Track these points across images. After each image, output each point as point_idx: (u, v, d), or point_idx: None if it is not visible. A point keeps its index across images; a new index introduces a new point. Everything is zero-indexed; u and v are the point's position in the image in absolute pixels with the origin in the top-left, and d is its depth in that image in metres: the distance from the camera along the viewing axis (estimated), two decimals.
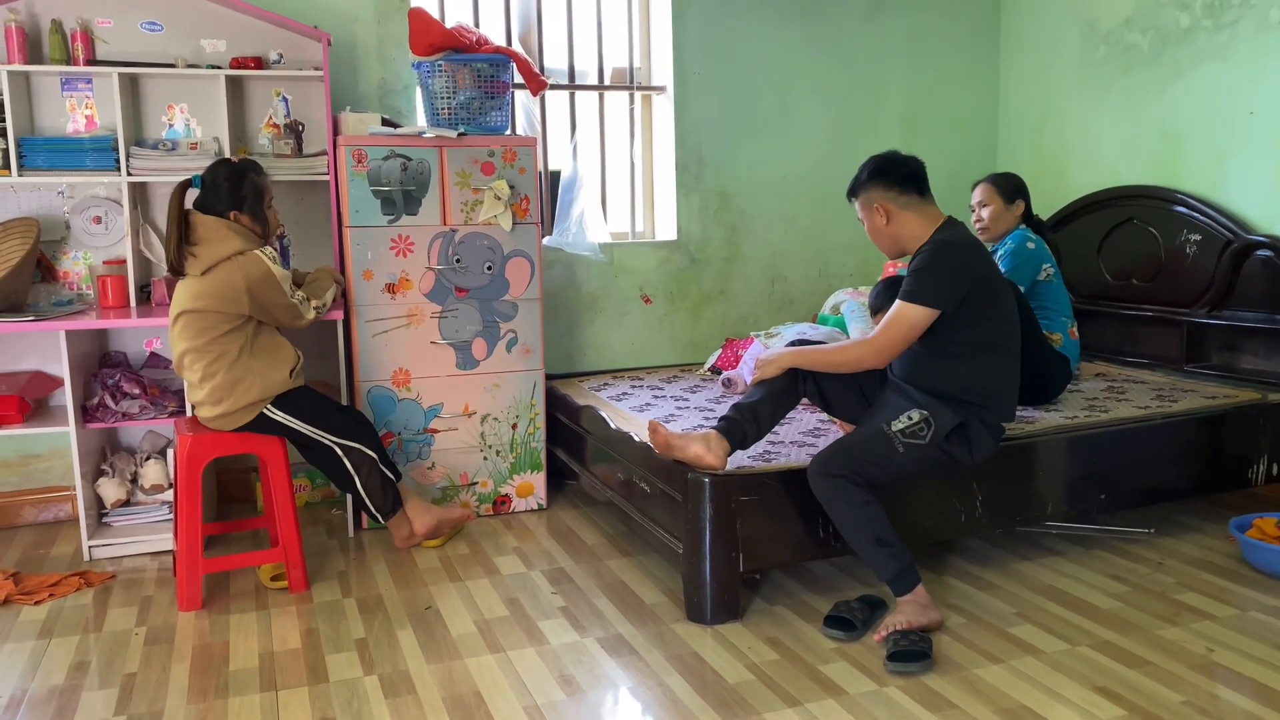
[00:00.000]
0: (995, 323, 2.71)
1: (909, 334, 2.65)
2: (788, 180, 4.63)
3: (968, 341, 2.68)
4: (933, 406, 2.67)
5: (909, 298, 2.64)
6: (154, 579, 3.14)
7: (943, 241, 2.68)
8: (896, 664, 2.43)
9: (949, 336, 2.67)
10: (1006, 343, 2.75)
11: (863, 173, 2.81)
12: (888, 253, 2.84)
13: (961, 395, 2.69)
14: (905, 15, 4.72)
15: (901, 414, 2.67)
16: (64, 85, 3.55)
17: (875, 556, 2.59)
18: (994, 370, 2.73)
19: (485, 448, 3.66)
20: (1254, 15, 3.73)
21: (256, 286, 2.92)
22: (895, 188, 2.74)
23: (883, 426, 2.66)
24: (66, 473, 3.68)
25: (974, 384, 2.70)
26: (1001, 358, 2.74)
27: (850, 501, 2.58)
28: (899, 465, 2.64)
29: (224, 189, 2.98)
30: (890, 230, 2.76)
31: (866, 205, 2.79)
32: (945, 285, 2.62)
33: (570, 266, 4.29)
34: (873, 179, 2.77)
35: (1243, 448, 3.39)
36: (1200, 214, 3.90)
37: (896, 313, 2.66)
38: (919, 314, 2.63)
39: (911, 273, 2.67)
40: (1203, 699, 2.28)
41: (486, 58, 3.53)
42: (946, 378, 2.69)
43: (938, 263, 2.64)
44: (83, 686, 2.45)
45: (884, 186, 2.75)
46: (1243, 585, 2.93)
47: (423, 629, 2.74)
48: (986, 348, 2.70)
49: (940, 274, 2.63)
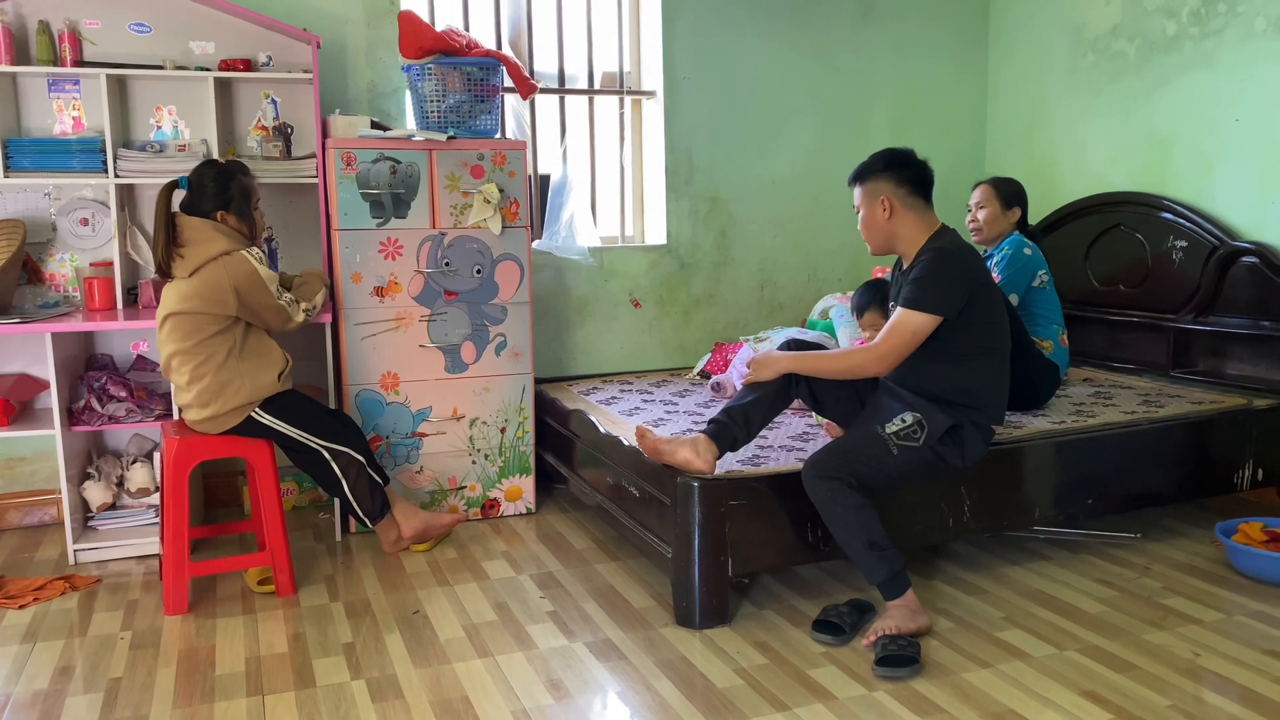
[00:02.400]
0: (988, 328, 2.74)
1: (912, 341, 2.66)
2: (777, 185, 4.64)
3: (961, 346, 2.70)
4: (926, 409, 2.68)
5: (912, 305, 2.64)
6: (140, 583, 3.13)
7: (943, 250, 2.69)
8: (885, 669, 2.43)
9: (943, 341, 2.68)
10: (999, 347, 2.78)
11: (876, 162, 2.79)
12: (875, 247, 2.82)
13: (955, 398, 2.71)
14: (894, 21, 4.74)
15: (895, 417, 2.68)
16: (51, 86, 3.53)
17: (867, 560, 2.59)
18: (986, 374, 2.75)
19: (474, 451, 3.65)
20: (1240, 24, 3.76)
21: (243, 286, 2.91)
22: (905, 185, 2.75)
23: (877, 429, 2.67)
24: (52, 476, 3.65)
25: (967, 387, 2.72)
26: (993, 362, 2.77)
27: (845, 504, 2.58)
28: (892, 467, 2.65)
29: (210, 189, 2.97)
30: (889, 226, 2.76)
31: (871, 194, 2.77)
32: (948, 292, 2.64)
33: (560, 270, 4.29)
34: (886, 170, 2.76)
35: (1228, 453, 3.40)
36: (1187, 220, 3.93)
37: (899, 320, 2.67)
38: (922, 321, 2.64)
39: (913, 281, 2.67)
40: (1189, 703, 2.29)
41: (476, 61, 3.53)
42: (940, 381, 2.71)
43: (940, 270, 2.65)
44: (67, 691, 2.43)
45: (895, 181, 2.75)
46: (1228, 590, 2.95)
47: (410, 633, 2.73)
48: (979, 352, 2.73)
49: (943, 282, 2.64)
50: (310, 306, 3.15)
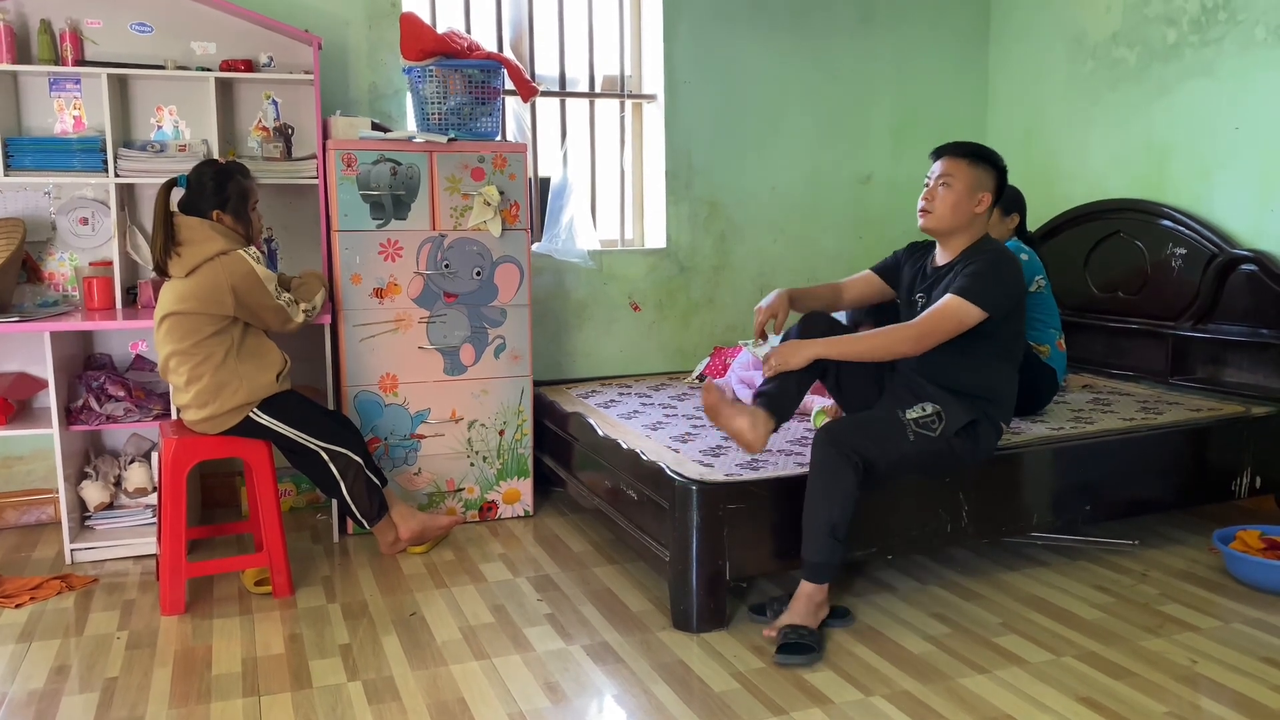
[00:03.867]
0: (1014, 337, 2.82)
1: (955, 329, 2.67)
2: (777, 190, 4.64)
3: (989, 349, 2.75)
4: (946, 401, 2.71)
5: (966, 295, 2.65)
6: (136, 583, 3.12)
7: (1007, 255, 2.75)
8: (784, 656, 2.50)
9: (975, 342, 2.72)
10: (1016, 356, 2.86)
11: (995, 156, 2.80)
12: (940, 224, 2.77)
13: (975, 392, 2.76)
14: (894, 27, 4.75)
15: (916, 405, 2.71)
16: (52, 85, 3.53)
17: (819, 537, 2.59)
18: (1004, 376, 2.83)
19: (472, 454, 3.65)
20: (1240, 32, 3.77)
21: (241, 286, 2.91)
22: (998, 194, 2.81)
23: (897, 412, 2.69)
24: (49, 475, 3.65)
25: (987, 384, 2.78)
26: (1012, 366, 2.85)
27: (838, 480, 2.58)
28: (904, 453, 2.67)
29: (208, 189, 2.97)
30: (972, 215, 2.76)
31: (977, 180, 2.75)
32: (1002, 294, 2.69)
33: (559, 273, 4.29)
34: (998, 172, 2.80)
35: (1226, 460, 3.40)
36: (1186, 228, 3.93)
37: (947, 306, 2.67)
38: (971, 312, 2.65)
39: (972, 274, 2.68)
40: (1185, 710, 2.29)
41: (478, 63, 3.53)
42: (961, 377, 2.74)
43: (1001, 272, 2.70)
44: (63, 691, 2.43)
45: (997, 185, 2.80)
46: (1226, 597, 2.95)
47: (407, 635, 2.72)
48: (1001, 356, 2.80)
49: (1002, 283, 2.69)
50: (310, 307, 3.15)
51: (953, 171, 2.76)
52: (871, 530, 2.84)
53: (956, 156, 2.79)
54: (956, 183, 2.75)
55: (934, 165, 2.83)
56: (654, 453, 3.01)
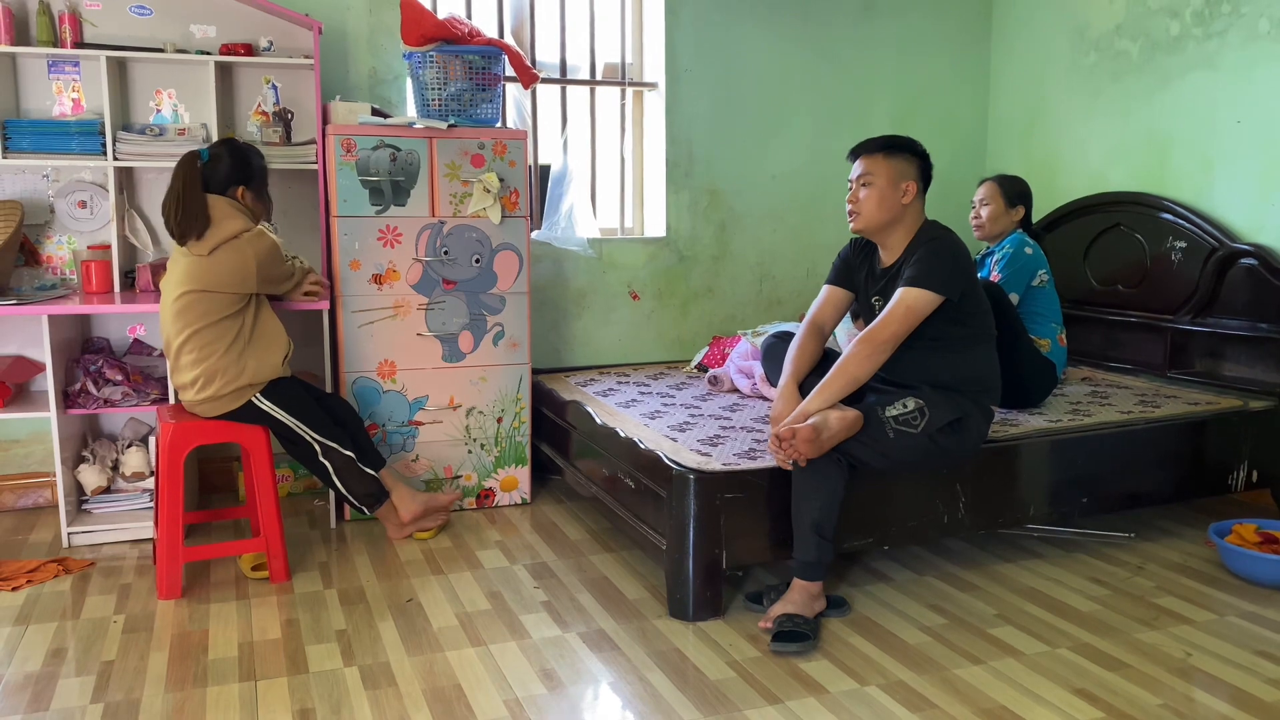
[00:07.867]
0: (982, 317, 2.82)
1: (916, 320, 2.67)
2: (777, 179, 4.63)
3: (962, 338, 2.76)
4: (930, 397, 2.71)
5: (917, 284, 2.66)
6: (133, 567, 3.12)
7: (949, 238, 2.75)
8: (779, 644, 2.51)
9: (945, 335, 2.72)
10: (990, 334, 2.86)
11: (910, 143, 2.79)
12: (870, 224, 2.76)
13: (960, 386, 2.76)
14: (896, 17, 4.73)
15: (897, 401, 2.70)
16: (51, 67, 3.52)
17: (806, 538, 2.62)
18: (984, 359, 2.83)
19: (470, 441, 3.65)
20: (1243, 25, 3.76)
21: (265, 260, 2.96)
22: (924, 179, 2.80)
23: (876, 410, 2.68)
24: (47, 458, 3.65)
25: (971, 374, 2.79)
26: (988, 347, 2.85)
27: (825, 480, 2.60)
28: (886, 450, 2.66)
29: (233, 163, 3.00)
30: (900, 209, 2.75)
31: (897, 172, 2.74)
32: (952, 275, 2.68)
33: (558, 261, 4.28)
34: (917, 157, 2.79)
35: (1223, 454, 3.41)
36: (1186, 221, 3.92)
37: (901, 300, 2.67)
38: (924, 298, 2.65)
39: (918, 262, 2.69)
40: (1180, 702, 2.29)
41: (478, 50, 3.51)
42: (942, 371, 2.75)
43: (946, 254, 2.70)
44: (59, 674, 2.43)
45: (921, 172, 2.79)
46: (1221, 590, 2.95)
47: (404, 621, 2.73)
48: (977, 340, 2.81)
49: (949, 264, 2.69)
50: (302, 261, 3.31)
51: (871, 169, 2.77)
52: (868, 521, 2.85)
53: (871, 153, 2.79)
54: (877, 179, 2.75)
55: (853, 167, 2.83)
56: (652, 441, 3.01)
